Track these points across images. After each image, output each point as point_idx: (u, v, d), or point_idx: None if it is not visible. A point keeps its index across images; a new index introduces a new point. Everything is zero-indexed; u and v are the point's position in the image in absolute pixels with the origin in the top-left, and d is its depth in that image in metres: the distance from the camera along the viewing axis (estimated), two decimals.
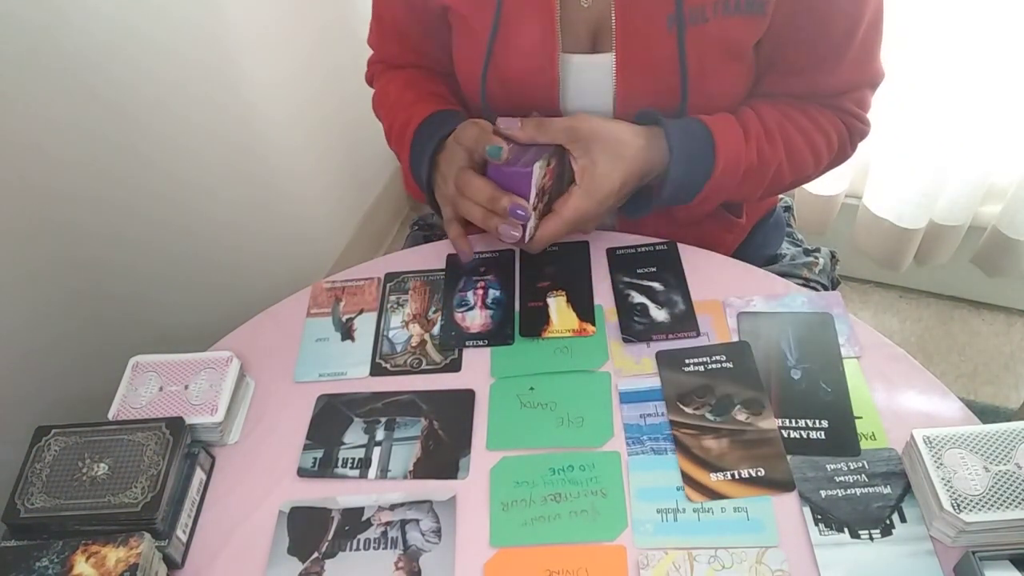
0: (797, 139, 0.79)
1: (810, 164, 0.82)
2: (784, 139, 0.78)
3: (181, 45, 1.06)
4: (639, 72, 0.75)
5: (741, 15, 0.71)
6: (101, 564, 0.57)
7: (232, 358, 0.73)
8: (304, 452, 0.69)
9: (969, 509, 0.55)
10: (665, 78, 0.74)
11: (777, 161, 0.78)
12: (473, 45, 0.78)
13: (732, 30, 0.72)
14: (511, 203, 0.70)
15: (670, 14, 0.71)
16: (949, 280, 1.68)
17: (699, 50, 0.72)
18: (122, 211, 1.02)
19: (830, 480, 0.62)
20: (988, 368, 1.59)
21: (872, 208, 1.53)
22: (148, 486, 0.61)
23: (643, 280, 0.79)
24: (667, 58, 0.73)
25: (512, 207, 0.70)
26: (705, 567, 0.58)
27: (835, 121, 0.82)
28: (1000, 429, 0.60)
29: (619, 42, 0.73)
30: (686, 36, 0.71)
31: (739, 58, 0.76)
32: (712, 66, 0.74)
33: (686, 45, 0.72)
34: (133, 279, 1.07)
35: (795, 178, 0.83)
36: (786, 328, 0.73)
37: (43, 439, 0.65)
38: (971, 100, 1.30)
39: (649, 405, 0.69)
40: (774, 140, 0.78)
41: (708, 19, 0.71)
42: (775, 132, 0.78)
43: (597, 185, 0.72)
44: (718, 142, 0.74)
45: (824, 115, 0.81)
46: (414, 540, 0.62)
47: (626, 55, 0.74)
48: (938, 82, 1.30)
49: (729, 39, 0.73)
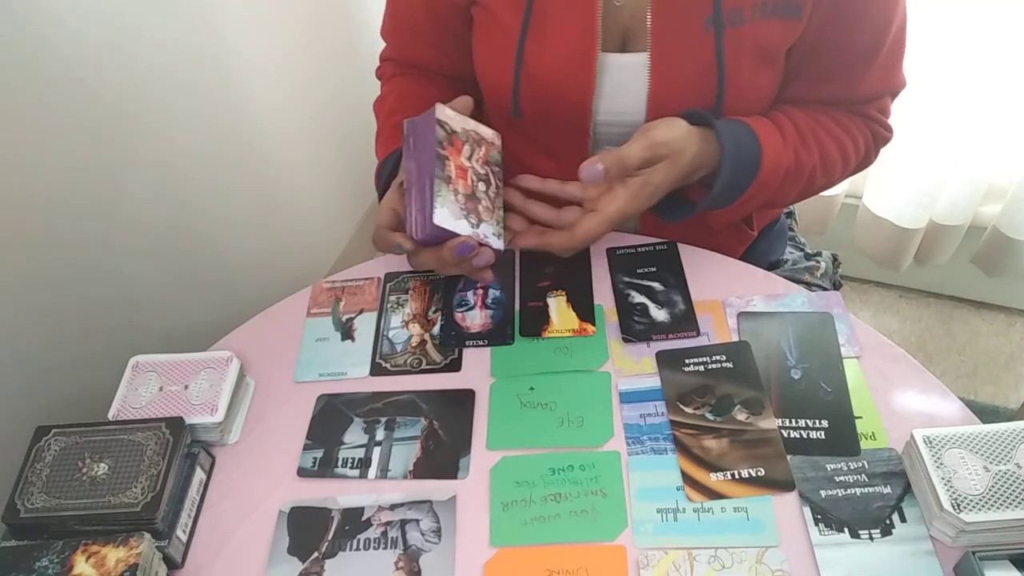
0: (828, 143, 0.79)
1: (839, 168, 0.82)
2: (816, 143, 0.79)
3: (181, 45, 1.06)
4: (675, 73, 0.74)
5: (778, 19, 0.71)
6: (101, 564, 0.57)
7: (232, 358, 0.72)
8: (304, 452, 0.69)
9: (969, 509, 0.55)
10: (701, 80, 0.73)
11: (812, 164, 0.78)
12: (501, 42, 0.76)
13: (768, 33, 0.72)
14: (453, 251, 0.67)
15: (708, 15, 0.70)
16: (949, 280, 1.68)
17: (735, 52, 0.72)
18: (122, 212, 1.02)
19: (830, 480, 0.62)
20: (988, 368, 1.59)
21: (872, 208, 1.53)
22: (148, 486, 0.61)
23: (643, 280, 0.79)
24: (704, 59, 0.72)
25: (458, 251, 0.67)
26: (705, 567, 0.58)
27: (862, 127, 0.82)
28: (1000, 429, 0.60)
29: (654, 42, 0.72)
30: (724, 37, 0.71)
31: (772, 62, 0.75)
32: (747, 69, 0.74)
33: (724, 46, 0.71)
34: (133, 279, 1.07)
35: (825, 181, 0.83)
36: (786, 328, 0.73)
37: (43, 439, 0.65)
38: (971, 101, 1.30)
39: (649, 405, 0.69)
40: (808, 144, 0.78)
41: (745, 21, 0.71)
42: (808, 136, 0.78)
43: (648, 191, 0.71)
44: (763, 144, 0.74)
45: (852, 121, 0.82)
46: (414, 540, 0.62)
47: (661, 55, 0.73)
48: (938, 83, 1.30)
49: (764, 42, 0.73)
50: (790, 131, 0.77)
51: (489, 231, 0.69)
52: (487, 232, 0.69)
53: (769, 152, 0.74)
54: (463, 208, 0.68)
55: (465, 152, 0.70)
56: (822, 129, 0.79)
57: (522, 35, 0.74)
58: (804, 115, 0.79)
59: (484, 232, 0.68)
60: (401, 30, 0.89)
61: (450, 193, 0.67)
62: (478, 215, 0.69)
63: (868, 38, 0.74)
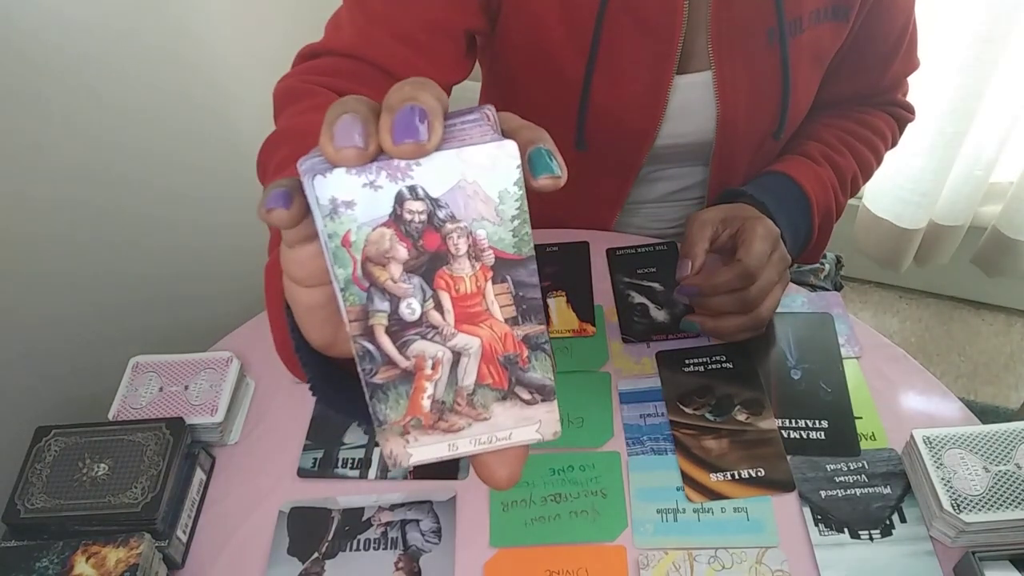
0: (858, 146, 0.82)
1: (873, 165, 0.85)
2: (849, 148, 0.81)
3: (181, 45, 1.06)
4: (743, 89, 0.73)
5: (830, 22, 0.72)
6: (101, 564, 0.57)
7: (232, 358, 0.72)
8: (304, 452, 0.69)
9: (969, 509, 0.55)
10: (767, 93, 0.74)
11: (852, 169, 0.81)
12: (563, 77, 0.72)
13: (823, 38, 0.73)
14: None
15: (771, 27, 0.70)
16: (949, 280, 1.68)
17: (797, 61, 0.72)
18: (122, 212, 1.02)
19: (830, 480, 0.62)
20: (988, 368, 1.59)
21: (872, 208, 1.53)
22: (148, 486, 0.61)
23: (643, 280, 0.79)
24: (770, 72, 0.72)
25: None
26: (705, 567, 0.58)
27: (886, 118, 0.85)
28: (1000, 429, 0.60)
29: (717, 60, 0.71)
30: (789, 49, 0.70)
31: (822, 66, 0.76)
32: (804, 76, 0.74)
33: (789, 58, 0.71)
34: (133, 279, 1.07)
35: (865, 180, 0.86)
36: (786, 328, 0.73)
37: (43, 439, 0.65)
38: (971, 100, 1.30)
39: (649, 405, 0.69)
40: (841, 152, 0.81)
41: (804, 30, 0.71)
42: (839, 145, 0.81)
43: (760, 235, 0.66)
44: (797, 178, 0.76)
45: (876, 116, 0.84)
46: (414, 540, 0.62)
47: (727, 73, 0.72)
48: (938, 82, 1.30)
49: (819, 47, 0.73)
50: (818, 150, 0.80)
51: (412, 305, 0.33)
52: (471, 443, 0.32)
53: (805, 179, 0.76)
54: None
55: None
56: (849, 135, 0.82)
57: (589, 71, 0.71)
58: (828, 129, 0.83)
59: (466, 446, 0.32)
60: (378, 35, 0.66)
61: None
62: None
63: (896, 28, 0.76)
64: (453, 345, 0.29)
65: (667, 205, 0.87)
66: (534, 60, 0.73)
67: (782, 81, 0.72)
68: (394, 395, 0.30)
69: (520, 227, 0.28)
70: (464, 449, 0.31)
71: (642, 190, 0.85)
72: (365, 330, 0.28)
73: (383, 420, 0.30)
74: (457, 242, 0.28)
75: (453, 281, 0.28)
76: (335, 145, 0.26)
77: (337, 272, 0.27)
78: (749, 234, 0.65)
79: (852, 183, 0.82)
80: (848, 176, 0.81)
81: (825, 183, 0.77)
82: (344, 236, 0.27)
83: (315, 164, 0.27)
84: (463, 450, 0.31)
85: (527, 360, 0.30)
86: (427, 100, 0.26)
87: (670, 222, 0.89)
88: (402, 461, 0.30)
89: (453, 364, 0.30)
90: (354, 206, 0.27)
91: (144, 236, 1.07)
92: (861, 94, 0.83)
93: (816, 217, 0.77)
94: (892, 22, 0.75)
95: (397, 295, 0.28)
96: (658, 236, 0.89)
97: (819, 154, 0.79)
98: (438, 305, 0.29)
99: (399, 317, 0.29)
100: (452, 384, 0.30)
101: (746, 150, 0.79)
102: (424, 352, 0.29)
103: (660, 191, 0.86)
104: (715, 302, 0.66)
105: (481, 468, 0.32)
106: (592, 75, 0.71)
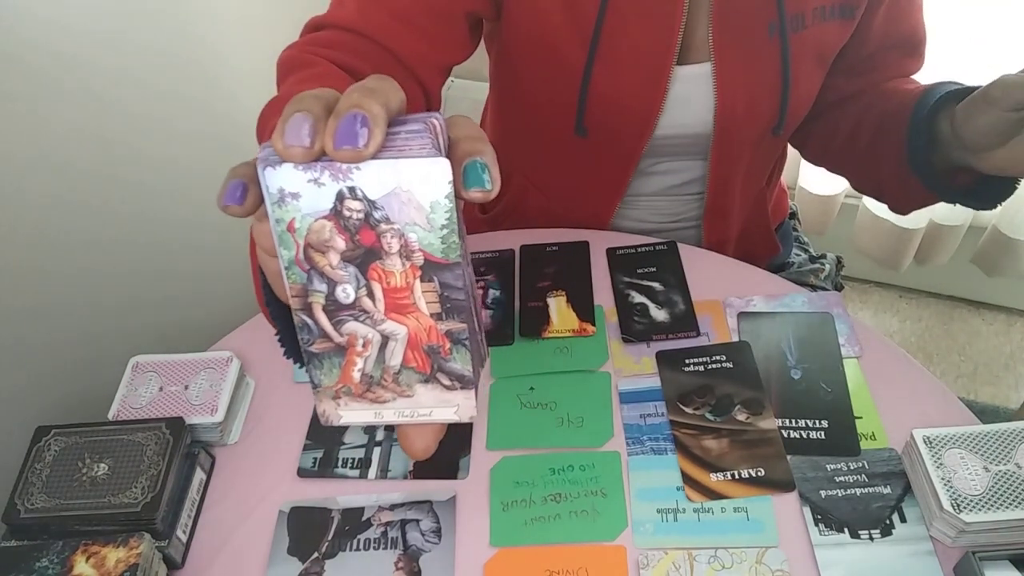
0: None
1: None
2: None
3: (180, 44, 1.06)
4: (741, 82, 0.73)
5: (835, 20, 0.71)
6: (101, 564, 0.57)
7: (232, 358, 0.72)
8: (304, 452, 0.69)
9: (969, 509, 0.55)
10: (767, 87, 0.73)
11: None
12: (564, 64, 0.73)
13: (827, 36, 0.72)
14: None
15: (772, 21, 0.70)
16: (949, 280, 1.68)
17: (799, 57, 0.72)
18: (121, 212, 1.02)
19: (830, 480, 0.62)
20: (988, 368, 1.59)
21: (872, 208, 1.53)
22: (148, 486, 0.61)
23: (643, 280, 0.79)
24: (770, 67, 0.72)
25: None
26: (705, 567, 0.58)
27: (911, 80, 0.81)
28: (1000, 429, 0.60)
29: (717, 52, 0.71)
30: (789, 43, 0.71)
31: (826, 64, 0.76)
32: (806, 74, 0.74)
33: (790, 52, 0.71)
34: (133, 279, 1.07)
35: None
36: (786, 328, 0.73)
37: (43, 439, 0.65)
38: None
39: (649, 405, 0.69)
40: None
41: (807, 26, 0.71)
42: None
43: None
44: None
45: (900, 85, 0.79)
46: (414, 540, 0.62)
47: (726, 65, 0.72)
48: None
49: (823, 45, 0.73)
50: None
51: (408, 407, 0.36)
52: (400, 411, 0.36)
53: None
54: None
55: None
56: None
57: (590, 58, 0.72)
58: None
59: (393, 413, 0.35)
60: (376, 13, 0.68)
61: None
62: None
63: (907, 26, 0.76)
64: (383, 330, 0.33)
65: (666, 199, 0.87)
66: (537, 47, 0.74)
67: (782, 76, 0.72)
68: (328, 364, 0.34)
69: (448, 235, 0.31)
70: (388, 418, 0.35)
71: (641, 183, 0.85)
72: (304, 305, 0.32)
73: (317, 384, 0.34)
74: (390, 241, 0.31)
75: (385, 274, 0.32)
76: (284, 142, 0.29)
77: (282, 253, 0.31)
78: None
79: None
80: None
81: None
82: (289, 223, 0.31)
83: (269, 155, 0.30)
84: (387, 419, 0.35)
85: (448, 352, 0.33)
86: (372, 108, 0.28)
87: (669, 216, 0.89)
88: (332, 420, 0.35)
89: (382, 346, 0.33)
90: (299, 198, 0.30)
91: (144, 235, 1.07)
92: (860, 91, 0.82)
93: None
94: (910, 18, 0.75)
95: (334, 280, 0.32)
96: (657, 229, 0.89)
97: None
98: (370, 293, 0.32)
99: (335, 299, 0.32)
100: (380, 362, 0.34)
101: (745, 145, 0.79)
102: (356, 332, 0.33)
103: (659, 185, 0.86)
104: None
105: (403, 438, 0.36)
106: (593, 63, 0.72)
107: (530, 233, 0.86)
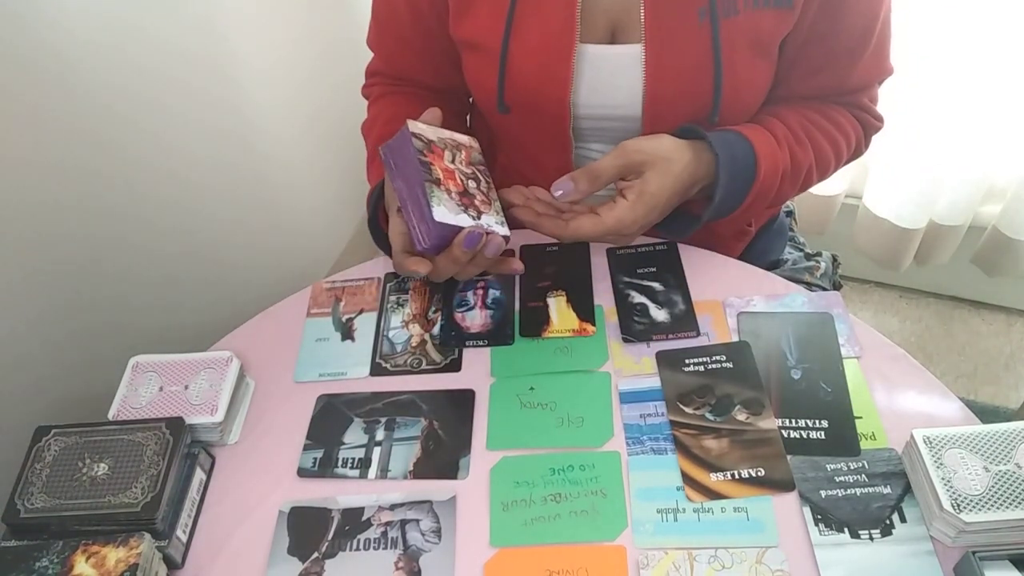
0: (821, 140, 0.80)
1: (832, 164, 0.83)
2: (810, 140, 0.79)
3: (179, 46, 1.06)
4: (671, 66, 0.73)
5: (771, 8, 0.71)
6: (101, 564, 0.57)
7: (232, 358, 0.72)
8: (304, 452, 0.69)
9: (969, 509, 0.55)
10: (698, 72, 0.73)
11: (808, 162, 0.79)
12: (485, 45, 0.77)
13: (762, 24, 0.72)
14: (462, 246, 0.67)
15: (701, 7, 0.70)
16: (949, 280, 1.68)
17: (731, 44, 0.72)
18: (121, 212, 1.02)
19: (830, 480, 0.62)
20: (988, 368, 1.59)
21: (872, 208, 1.53)
22: (148, 486, 0.61)
23: (643, 280, 0.79)
24: (700, 51, 0.72)
25: (466, 244, 0.67)
26: (705, 567, 0.58)
27: (852, 121, 0.83)
28: (1000, 429, 0.60)
29: (648, 35, 0.72)
30: (719, 28, 0.71)
31: (766, 54, 0.75)
32: (742, 61, 0.73)
33: (720, 38, 0.71)
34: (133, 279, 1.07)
35: (820, 177, 0.84)
36: (786, 328, 0.73)
37: (43, 439, 0.65)
38: (971, 100, 1.30)
39: (649, 405, 0.69)
40: (802, 142, 0.78)
41: (739, 12, 0.71)
42: (802, 135, 0.79)
43: (645, 200, 0.70)
44: (757, 148, 0.74)
45: (842, 115, 0.82)
46: (414, 540, 0.62)
47: (656, 47, 0.72)
48: (938, 82, 1.30)
49: (758, 33, 0.73)
50: (782, 132, 0.77)
51: (491, 220, 0.70)
52: (489, 222, 0.70)
53: (764, 155, 0.74)
54: (460, 204, 0.69)
55: (447, 157, 0.71)
56: (814, 127, 0.80)
57: (506, 35, 0.74)
58: (794, 114, 0.80)
59: (487, 222, 0.69)
60: (386, 39, 0.88)
61: (443, 193, 0.68)
62: (476, 209, 0.70)
63: (859, 26, 0.75)
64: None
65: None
66: (465, 28, 0.78)
67: (714, 63, 0.72)
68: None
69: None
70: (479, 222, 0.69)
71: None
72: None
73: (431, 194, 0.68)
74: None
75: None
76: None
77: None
78: (631, 194, 0.71)
79: (805, 177, 0.81)
80: (803, 169, 0.79)
81: (778, 168, 0.76)
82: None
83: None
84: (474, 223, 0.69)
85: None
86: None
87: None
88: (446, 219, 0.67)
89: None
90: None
91: (144, 235, 1.07)
92: (825, 93, 0.82)
93: (750, 197, 0.75)
94: (851, 21, 0.74)
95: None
96: None
97: (783, 137, 0.77)
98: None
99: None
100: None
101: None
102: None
103: None
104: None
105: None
106: (509, 39, 0.74)
107: (530, 233, 0.86)
